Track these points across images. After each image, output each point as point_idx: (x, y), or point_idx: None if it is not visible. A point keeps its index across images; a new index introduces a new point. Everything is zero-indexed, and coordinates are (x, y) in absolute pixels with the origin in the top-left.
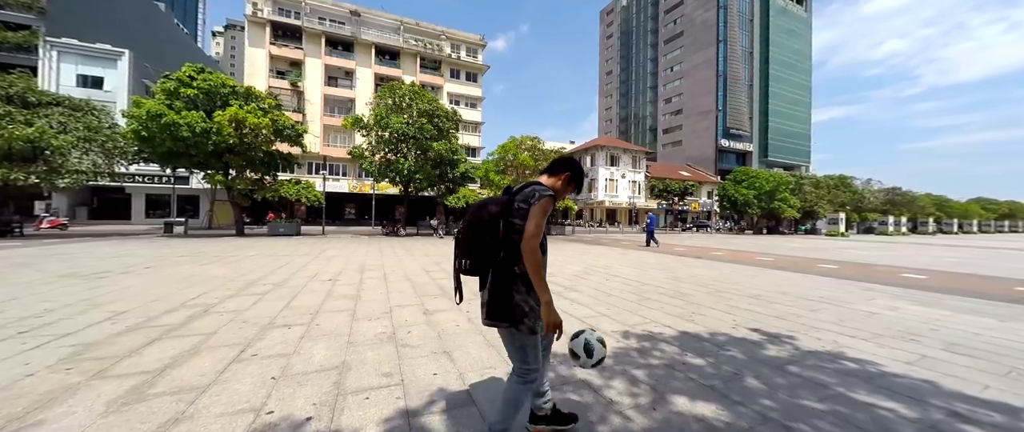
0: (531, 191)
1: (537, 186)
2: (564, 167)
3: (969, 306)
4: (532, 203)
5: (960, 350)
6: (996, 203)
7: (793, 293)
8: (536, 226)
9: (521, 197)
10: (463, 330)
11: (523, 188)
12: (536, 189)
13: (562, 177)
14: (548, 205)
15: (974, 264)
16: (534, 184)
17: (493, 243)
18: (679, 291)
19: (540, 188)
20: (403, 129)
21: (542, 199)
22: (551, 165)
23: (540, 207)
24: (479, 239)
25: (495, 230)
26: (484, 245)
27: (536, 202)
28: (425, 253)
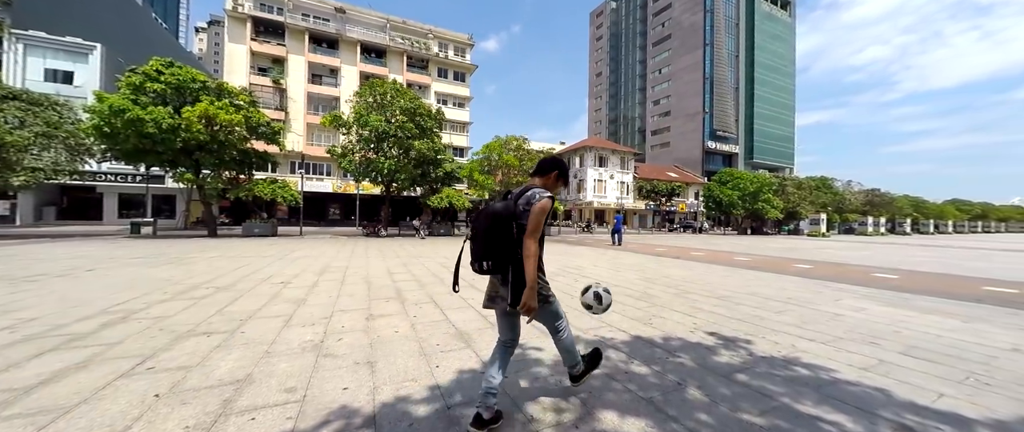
0: (531, 194)
1: (536, 190)
2: (552, 165)
3: (936, 306)
4: (533, 204)
5: (919, 354)
6: (970, 204)
7: (762, 294)
8: (535, 224)
9: (523, 200)
10: (401, 337)
11: (524, 192)
12: (536, 192)
13: (552, 175)
14: (547, 205)
15: (947, 263)
16: (533, 188)
17: (508, 243)
18: (646, 293)
19: (539, 191)
20: (383, 128)
21: (541, 200)
22: (540, 166)
23: (540, 207)
24: (494, 242)
25: (509, 231)
26: (500, 246)
27: (537, 203)
28: (397, 254)
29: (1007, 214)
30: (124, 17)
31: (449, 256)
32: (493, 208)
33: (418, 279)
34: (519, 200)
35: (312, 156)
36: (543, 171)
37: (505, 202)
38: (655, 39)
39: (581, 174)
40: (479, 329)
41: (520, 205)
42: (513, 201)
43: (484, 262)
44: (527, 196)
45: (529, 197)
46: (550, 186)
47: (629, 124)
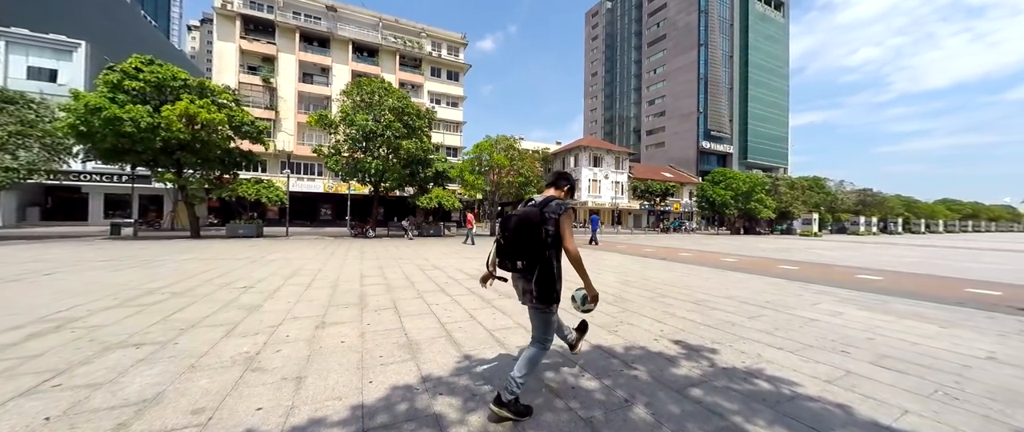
0: (556, 205)
1: (557, 200)
2: (565, 180)
3: (915, 310)
4: (560, 215)
5: (890, 364)
6: (960, 204)
7: (739, 297)
8: (570, 235)
9: (549, 209)
10: (344, 347)
11: (547, 202)
12: (559, 203)
13: (565, 188)
14: (571, 215)
15: (933, 264)
16: (553, 199)
17: (538, 245)
18: (621, 297)
19: (561, 202)
20: (371, 127)
21: (566, 211)
22: (556, 179)
23: (567, 219)
24: (526, 244)
25: (538, 235)
26: (531, 248)
27: (563, 214)
28: (378, 256)
29: (997, 214)
30: (111, 15)
31: (430, 257)
32: (524, 213)
33: (389, 283)
34: (544, 209)
35: (303, 156)
36: (558, 184)
37: (532, 209)
38: (650, 39)
39: (576, 174)
40: (432, 339)
41: (546, 213)
42: (539, 208)
43: (518, 261)
44: (552, 206)
45: (555, 207)
46: (565, 197)
47: (625, 124)
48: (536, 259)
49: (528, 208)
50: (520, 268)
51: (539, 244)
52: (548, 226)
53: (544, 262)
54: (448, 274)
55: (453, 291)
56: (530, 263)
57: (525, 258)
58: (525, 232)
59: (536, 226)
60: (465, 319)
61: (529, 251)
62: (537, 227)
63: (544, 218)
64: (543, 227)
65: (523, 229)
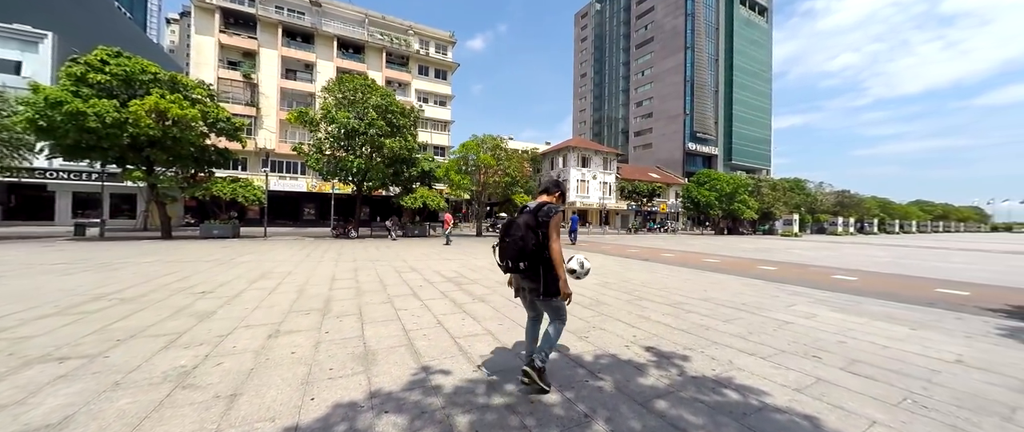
0: (548, 208)
1: (549, 205)
2: (556, 186)
3: (887, 311)
4: (550, 218)
5: (861, 369)
6: (932, 205)
7: (716, 299)
8: (556, 232)
9: (542, 213)
10: (295, 359)
11: (541, 207)
12: (550, 207)
13: (556, 194)
14: (560, 219)
15: (906, 264)
16: (546, 204)
17: (537, 247)
18: (597, 300)
19: (552, 206)
20: (353, 125)
21: (554, 215)
22: (546, 187)
23: (554, 221)
24: (526, 247)
25: (536, 238)
26: (531, 250)
27: (552, 217)
28: (355, 258)
29: (966, 215)
30: (83, 6)
31: (409, 259)
32: (524, 220)
33: (360, 286)
34: (538, 213)
35: (285, 154)
36: (550, 191)
37: (528, 216)
38: (638, 41)
39: (564, 174)
40: (391, 348)
41: (540, 218)
42: (533, 214)
43: (520, 263)
44: (545, 210)
45: (547, 211)
46: (557, 202)
47: (613, 125)
48: (536, 260)
49: (525, 216)
50: (522, 269)
51: (537, 246)
52: (542, 229)
53: (544, 262)
54: (424, 277)
55: (425, 295)
56: (531, 264)
57: (526, 260)
58: (526, 236)
59: (535, 230)
60: (432, 326)
61: (529, 254)
62: (535, 231)
63: (538, 222)
64: (539, 231)
65: (525, 233)
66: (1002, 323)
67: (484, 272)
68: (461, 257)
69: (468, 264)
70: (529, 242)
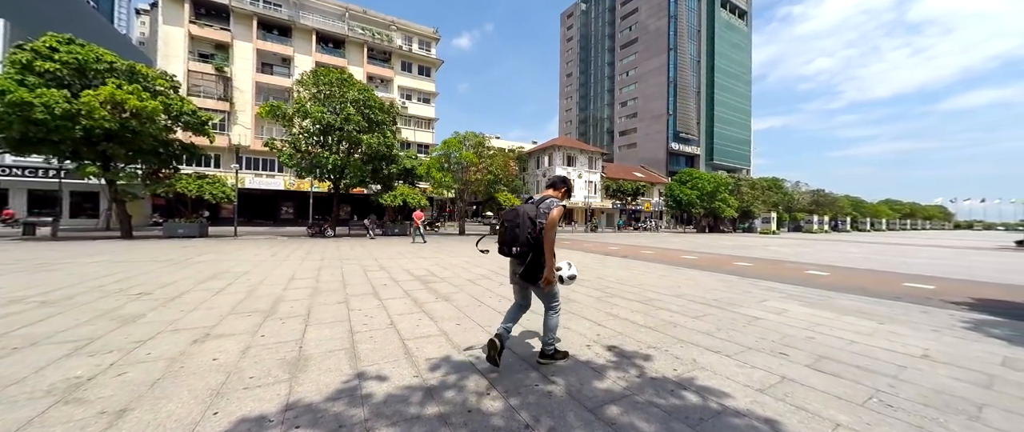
0: (549, 202)
1: (552, 199)
2: (561, 182)
3: (856, 306)
4: (550, 210)
5: (828, 366)
6: (900, 204)
7: (689, 295)
8: (552, 224)
9: (544, 206)
10: (214, 366)
11: (543, 199)
12: (552, 201)
13: (561, 190)
14: (561, 211)
15: (876, 259)
16: (549, 197)
17: (532, 236)
18: (567, 297)
19: (555, 200)
20: (328, 120)
21: (557, 207)
22: (553, 182)
23: (556, 213)
24: (523, 235)
25: (532, 227)
26: (527, 237)
27: (552, 209)
28: (324, 257)
29: (931, 213)
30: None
31: (381, 257)
32: (524, 210)
33: (318, 287)
34: (540, 205)
35: (261, 151)
36: (555, 186)
37: (530, 206)
38: (622, 42)
39: (549, 173)
40: (329, 352)
41: (541, 209)
42: (536, 205)
43: (515, 248)
44: (546, 203)
45: (548, 203)
46: (560, 197)
47: (598, 125)
48: (529, 247)
49: (527, 205)
50: (515, 253)
51: (532, 235)
52: (541, 219)
53: (536, 249)
54: (392, 275)
55: (387, 294)
56: (524, 250)
57: (521, 245)
58: (523, 225)
59: (531, 220)
60: (383, 327)
61: (524, 240)
62: (532, 221)
63: (538, 212)
64: (536, 220)
65: (520, 221)
66: (966, 316)
67: (456, 270)
68: (437, 256)
69: (442, 262)
70: (525, 230)
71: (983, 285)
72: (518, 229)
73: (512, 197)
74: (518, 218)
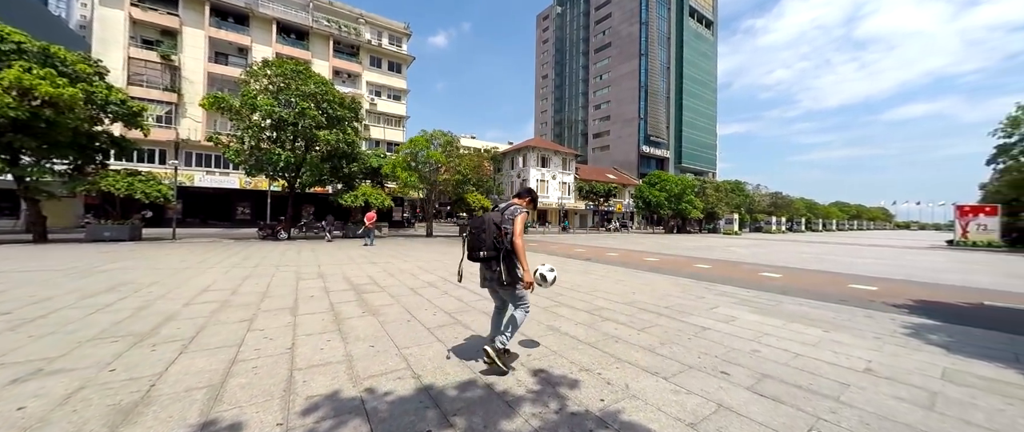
0: (514, 209)
1: (516, 206)
2: (527, 193)
3: (803, 311)
4: (515, 216)
5: (769, 388)
6: (849, 206)
7: (641, 303)
8: (518, 231)
9: (508, 213)
10: (7, 422)
11: (509, 206)
12: (517, 208)
13: (526, 199)
14: (525, 218)
15: (826, 260)
16: (514, 204)
17: (498, 241)
18: None
19: (519, 207)
20: (278, 113)
21: (521, 214)
22: (520, 192)
23: (520, 220)
24: (490, 240)
25: (498, 232)
26: (494, 244)
27: (517, 216)
28: (260, 263)
29: (875, 214)
30: None
31: (326, 263)
32: (490, 217)
33: (232, 300)
34: (505, 212)
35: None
36: (521, 195)
37: (495, 213)
38: (597, 46)
39: (524, 174)
40: (189, 390)
41: (506, 215)
42: (501, 213)
43: (481, 252)
44: (511, 210)
45: (513, 211)
46: (525, 205)
47: (573, 127)
48: (496, 251)
49: (492, 212)
50: (483, 257)
51: (498, 240)
52: (506, 225)
53: (505, 253)
54: (326, 284)
55: (306, 309)
56: (491, 254)
57: (488, 250)
58: (490, 231)
59: (496, 226)
60: (277, 353)
61: (490, 246)
62: (498, 226)
63: (503, 219)
64: (502, 226)
65: (487, 228)
66: (906, 320)
67: (403, 277)
68: (389, 260)
69: (392, 268)
70: (491, 236)
71: (920, 286)
72: (484, 234)
73: (482, 198)
74: (484, 224)
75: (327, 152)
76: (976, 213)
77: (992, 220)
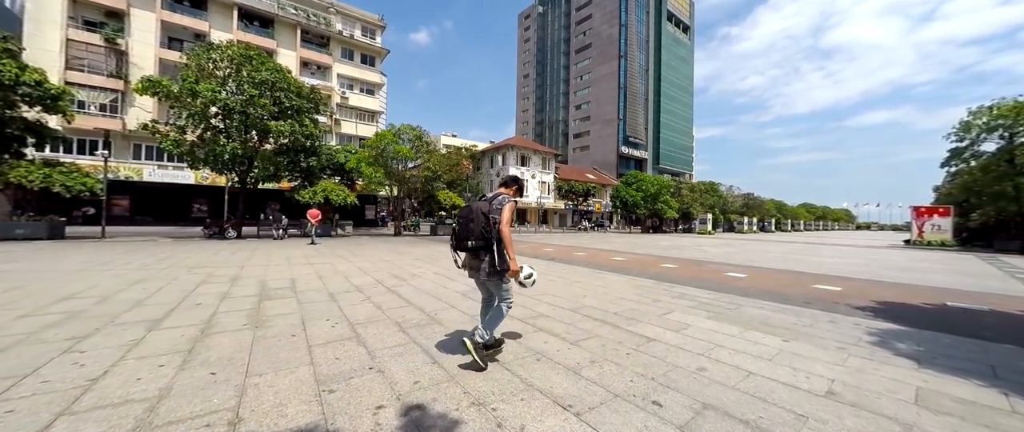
0: (501, 198)
1: (504, 195)
2: (513, 181)
3: (764, 315)
4: (503, 206)
5: (708, 423)
6: (815, 207)
7: (588, 308)
8: (506, 220)
9: (496, 203)
10: None
11: (496, 196)
12: (504, 197)
13: (512, 187)
14: (513, 207)
15: (792, 259)
16: (502, 194)
17: (486, 231)
18: (433, 317)
19: (507, 197)
20: (223, 100)
21: (509, 203)
22: (504, 181)
23: (508, 209)
24: (478, 230)
25: (486, 222)
26: (482, 233)
27: (506, 205)
28: (178, 264)
29: (838, 215)
30: None
31: (256, 264)
32: (478, 206)
33: (86, 311)
34: (493, 202)
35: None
36: (508, 184)
37: (483, 203)
38: (577, 46)
39: (503, 173)
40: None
41: (495, 204)
42: (489, 202)
43: (469, 241)
44: (499, 199)
45: (500, 200)
46: (512, 194)
47: (554, 127)
48: (485, 240)
49: (480, 202)
50: (470, 247)
51: (486, 229)
52: (494, 215)
53: (491, 243)
54: (232, 289)
55: (174, 321)
56: (478, 244)
57: (476, 240)
58: (478, 220)
59: (484, 215)
60: (69, 388)
61: (478, 235)
62: (485, 216)
63: (491, 208)
64: (490, 215)
65: (474, 218)
66: (871, 325)
67: (333, 280)
68: (331, 261)
69: (326, 269)
70: (479, 225)
71: (883, 285)
72: (472, 224)
73: (454, 195)
74: (472, 214)
75: (287, 145)
76: (931, 214)
77: (945, 221)
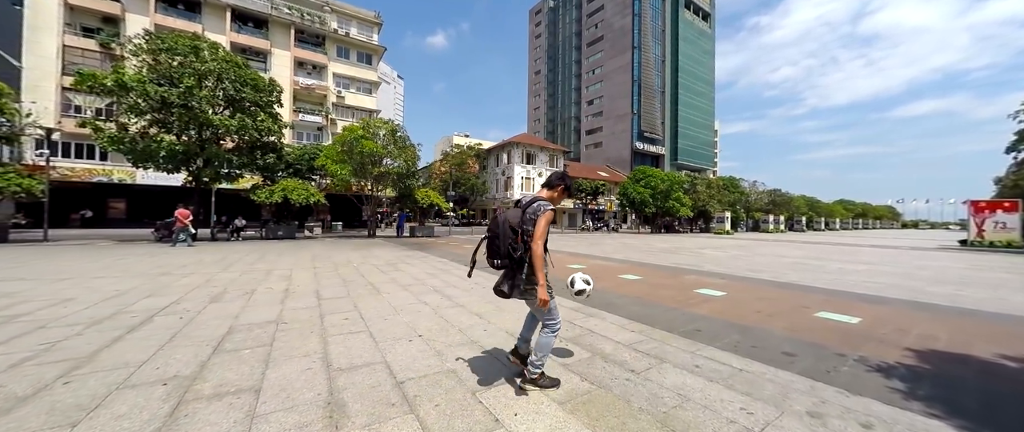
0: (537, 206)
1: (541, 202)
2: (559, 180)
3: (683, 390)
4: (538, 216)
5: None
6: (854, 204)
7: (395, 367)
8: (541, 232)
9: (530, 211)
10: None
11: (532, 202)
12: (541, 204)
13: (558, 189)
14: (550, 216)
15: (807, 265)
16: (539, 200)
17: (514, 245)
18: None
19: (544, 203)
20: (158, 92)
21: (546, 212)
22: (548, 181)
23: (544, 218)
24: (505, 246)
25: (517, 237)
26: (508, 249)
27: (540, 214)
28: (81, 274)
29: (881, 213)
30: None
31: (154, 271)
32: (506, 217)
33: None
34: (527, 210)
35: None
36: (550, 185)
37: (515, 211)
38: (589, 40)
39: (508, 171)
40: None
41: (528, 214)
42: (522, 211)
43: (497, 261)
44: (533, 207)
45: (535, 208)
46: (556, 199)
47: (566, 124)
48: (511, 260)
49: (511, 211)
50: (499, 265)
51: (514, 245)
52: (527, 226)
53: (518, 263)
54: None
55: None
56: (512, 262)
57: (502, 258)
58: (502, 235)
59: (512, 229)
60: None
61: (504, 252)
62: (513, 230)
63: (524, 219)
64: (522, 228)
65: (500, 232)
66: (898, 421)
67: (180, 292)
68: (210, 269)
69: (213, 281)
70: (506, 241)
71: (929, 312)
72: (498, 241)
73: (433, 194)
74: (499, 228)
75: (248, 142)
76: (993, 209)
77: (1012, 217)
